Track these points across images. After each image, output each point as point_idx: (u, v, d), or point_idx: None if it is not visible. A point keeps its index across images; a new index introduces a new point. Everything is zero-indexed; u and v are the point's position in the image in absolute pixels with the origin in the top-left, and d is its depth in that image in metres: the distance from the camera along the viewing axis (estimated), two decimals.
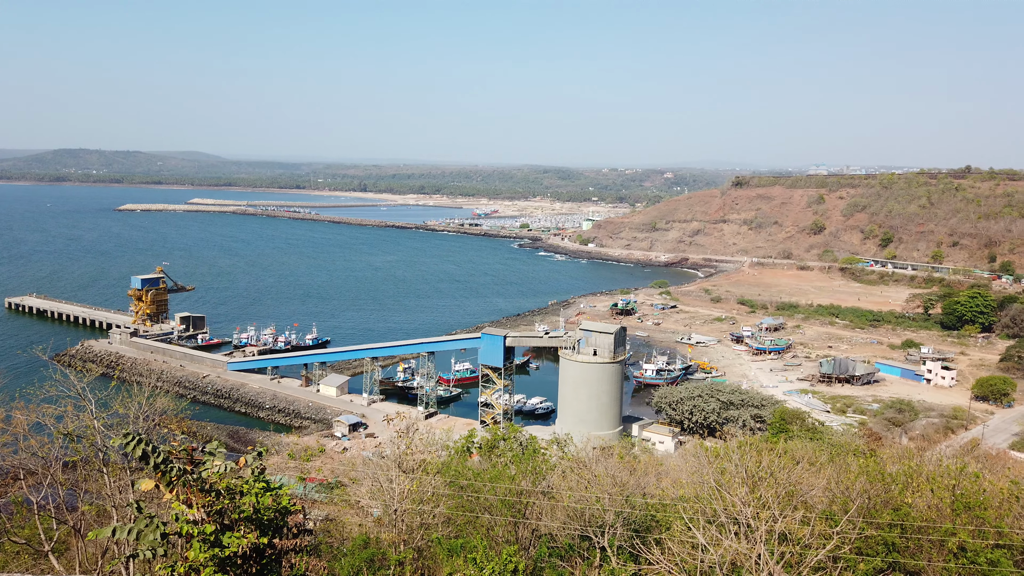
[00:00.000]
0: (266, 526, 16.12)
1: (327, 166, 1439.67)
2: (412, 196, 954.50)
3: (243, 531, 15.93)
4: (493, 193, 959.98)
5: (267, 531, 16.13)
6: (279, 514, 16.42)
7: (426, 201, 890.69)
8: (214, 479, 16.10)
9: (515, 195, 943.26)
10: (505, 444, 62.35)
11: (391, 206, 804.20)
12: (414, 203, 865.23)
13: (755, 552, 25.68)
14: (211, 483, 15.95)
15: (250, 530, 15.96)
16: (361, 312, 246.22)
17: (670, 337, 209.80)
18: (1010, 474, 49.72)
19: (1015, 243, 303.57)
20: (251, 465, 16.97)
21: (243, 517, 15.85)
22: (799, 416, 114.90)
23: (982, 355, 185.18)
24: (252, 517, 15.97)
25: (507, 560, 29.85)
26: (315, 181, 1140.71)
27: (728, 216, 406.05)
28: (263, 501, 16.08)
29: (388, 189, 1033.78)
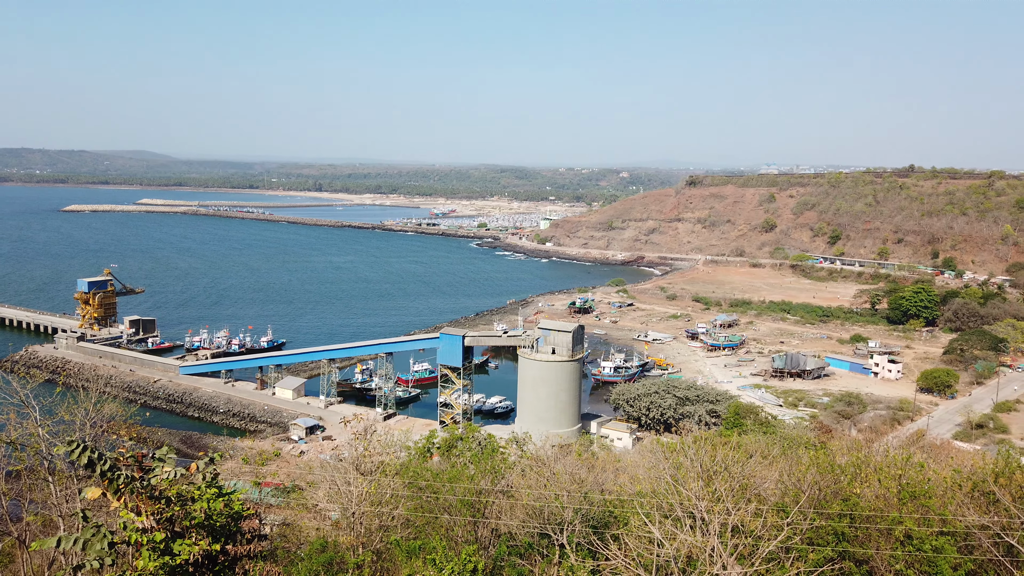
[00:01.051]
0: (219, 532, 15.83)
1: (281, 165, 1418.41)
2: (368, 196, 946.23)
3: (195, 538, 15.62)
4: (450, 193, 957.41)
5: (220, 537, 15.84)
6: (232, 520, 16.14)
7: (383, 201, 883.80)
8: (164, 486, 15.75)
9: (473, 195, 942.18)
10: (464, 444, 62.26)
11: (347, 206, 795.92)
12: (370, 203, 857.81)
13: (709, 545, 26.13)
14: (161, 490, 15.60)
15: (202, 537, 15.65)
16: (318, 314, 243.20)
17: (627, 335, 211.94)
18: (953, 463, 51.48)
19: (956, 239, 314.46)
20: (203, 471, 16.64)
21: (194, 524, 15.54)
22: (752, 410, 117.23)
23: (926, 348, 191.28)
24: (204, 523, 15.66)
25: (466, 560, 29.82)
26: (269, 181, 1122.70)
27: (682, 215, 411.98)
28: (215, 507, 15.78)
29: (344, 189, 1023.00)
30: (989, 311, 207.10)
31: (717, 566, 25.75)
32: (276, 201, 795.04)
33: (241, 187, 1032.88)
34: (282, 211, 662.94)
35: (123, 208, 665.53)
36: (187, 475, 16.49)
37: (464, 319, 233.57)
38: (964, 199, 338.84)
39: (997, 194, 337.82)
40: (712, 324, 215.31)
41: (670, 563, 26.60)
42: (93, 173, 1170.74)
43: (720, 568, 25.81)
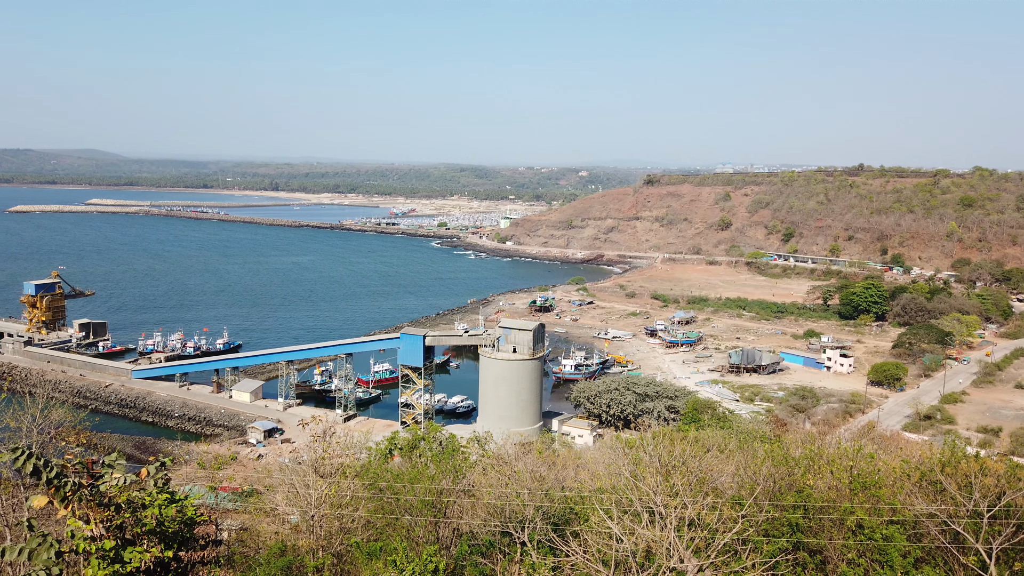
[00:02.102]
0: (171, 539, 15.51)
1: (236, 164, 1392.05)
2: (327, 195, 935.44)
3: (146, 545, 15.28)
4: (410, 192, 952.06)
5: (172, 544, 15.51)
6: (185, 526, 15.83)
7: (341, 200, 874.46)
8: (113, 492, 15.36)
9: (432, 194, 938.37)
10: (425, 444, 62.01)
11: (305, 205, 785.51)
12: (329, 202, 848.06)
13: (667, 539, 26.49)
14: (110, 497, 15.21)
15: (153, 544, 15.31)
16: (275, 315, 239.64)
17: (587, 332, 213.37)
18: (902, 454, 53.02)
19: (904, 236, 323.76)
20: (153, 476, 16.28)
21: (146, 531, 15.20)
22: (710, 406, 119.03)
23: (876, 342, 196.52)
24: (155, 530, 15.33)
25: (427, 560, 29.74)
26: (223, 180, 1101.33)
27: (641, 213, 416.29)
28: (167, 513, 15.45)
29: (301, 188, 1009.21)
30: (935, 306, 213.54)
31: (674, 560, 26.12)
32: (231, 201, 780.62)
33: (195, 187, 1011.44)
34: (237, 211, 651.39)
35: (72, 209, 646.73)
36: (138, 481, 16.11)
37: (425, 319, 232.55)
38: (911, 197, 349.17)
39: (942, 192, 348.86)
40: (670, 321, 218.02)
41: (628, 558, 26.89)
42: (40, 172, 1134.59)
43: (677, 561, 26.19)
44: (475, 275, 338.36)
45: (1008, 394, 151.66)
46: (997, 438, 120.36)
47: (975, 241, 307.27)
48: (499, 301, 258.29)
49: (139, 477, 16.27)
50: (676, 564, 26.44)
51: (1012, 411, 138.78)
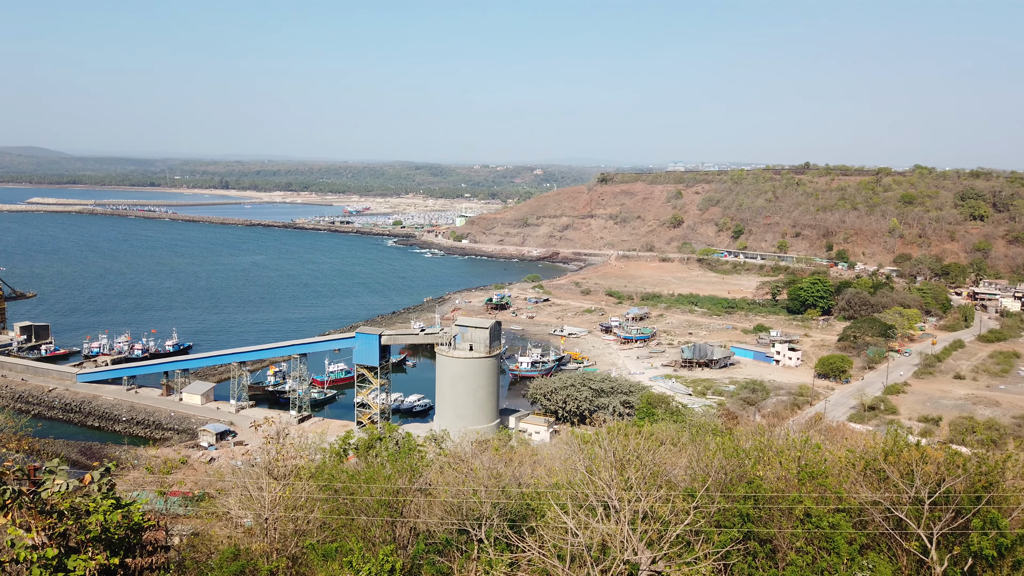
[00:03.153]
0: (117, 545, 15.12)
1: (185, 162, 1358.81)
2: (279, 193, 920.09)
3: (91, 553, 14.87)
4: (364, 190, 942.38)
5: (118, 551, 15.13)
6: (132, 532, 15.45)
7: (294, 199, 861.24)
8: (56, 499, 14.91)
9: (387, 192, 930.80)
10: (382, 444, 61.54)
11: (256, 204, 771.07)
12: (281, 201, 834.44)
13: (621, 532, 26.85)
14: (53, 504, 14.76)
15: (98, 551, 14.91)
16: (227, 315, 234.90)
17: (544, 330, 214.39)
18: (847, 444, 54.64)
19: (848, 233, 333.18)
20: (98, 481, 15.85)
21: (90, 538, 14.78)
22: (664, 400, 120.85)
23: (823, 336, 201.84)
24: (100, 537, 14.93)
25: (384, 560, 29.60)
26: (171, 178, 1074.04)
27: (595, 211, 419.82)
28: (112, 519, 15.06)
29: (253, 186, 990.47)
30: (878, 300, 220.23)
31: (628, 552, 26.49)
32: (180, 199, 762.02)
33: (142, 185, 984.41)
34: (186, 210, 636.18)
35: (11, 208, 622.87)
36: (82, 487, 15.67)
37: (381, 318, 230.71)
38: (855, 195, 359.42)
39: (884, 190, 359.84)
40: (625, 317, 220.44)
41: (584, 552, 27.18)
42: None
43: (631, 554, 26.57)
44: (431, 273, 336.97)
45: (947, 385, 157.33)
46: (937, 427, 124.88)
47: (915, 237, 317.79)
48: (455, 299, 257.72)
49: (83, 483, 15.83)
50: (630, 556, 26.83)
51: (951, 401, 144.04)
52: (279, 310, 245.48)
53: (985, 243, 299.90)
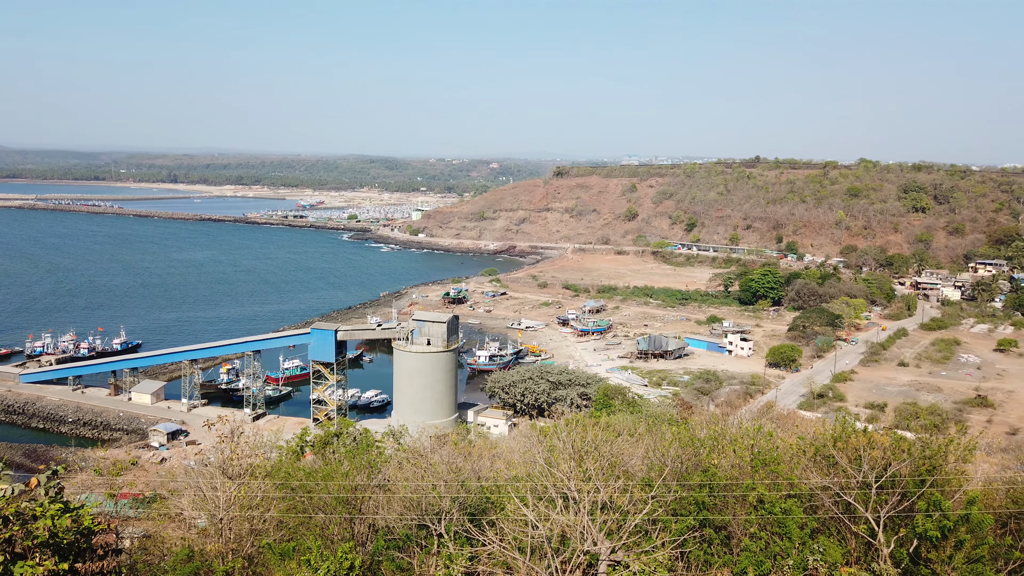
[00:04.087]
0: (65, 550, 14.68)
1: (131, 156, 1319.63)
2: (229, 187, 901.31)
3: (38, 558, 14.42)
4: (318, 184, 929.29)
5: (67, 556, 14.70)
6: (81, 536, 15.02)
7: (245, 192, 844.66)
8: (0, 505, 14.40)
9: (342, 186, 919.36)
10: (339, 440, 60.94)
11: (206, 198, 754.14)
12: (232, 194, 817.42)
13: (580, 523, 27.12)
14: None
15: (46, 556, 14.46)
16: (177, 312, 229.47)
17: (501, 323, 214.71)
18: (798, 431, 56.04)
19: (797, 225, 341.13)
20: (45, 485, 15.37)
21: (37, 543, 14.32)
22: (620, 391, 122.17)
23: (774, 326, 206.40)
24: (48, 542, 14.48)
25: (343, 558, 29.39)
26: (117, 172, 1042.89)
27: (551, 205, 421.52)
28: (61, 524, 14.61)
29: (202, 180, 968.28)
30: (826, 290, 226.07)
31: (588, 543, 26.78)
32: (126, 194, 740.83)
33: (86, 179, 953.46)
34: (133, 204, 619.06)
35: None
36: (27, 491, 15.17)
37: (336, 313, 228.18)
38: (803, 188, 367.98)
39: (831, 183, 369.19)
40: (581, 310, 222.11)
41: (544, 544, 27.39)
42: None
43: (591, 544, 26.87)
44: (388, 268, 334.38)
45: (892, 372, 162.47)
46: (883, 413, 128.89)
47: (861, 229, 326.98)
48: (412, 294, 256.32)
49: (28, 487, 15.32)
50: (590, 547, 27.13)
51: (895, 387, 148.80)
52: (232, 306, 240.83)
53: (927, 234, 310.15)
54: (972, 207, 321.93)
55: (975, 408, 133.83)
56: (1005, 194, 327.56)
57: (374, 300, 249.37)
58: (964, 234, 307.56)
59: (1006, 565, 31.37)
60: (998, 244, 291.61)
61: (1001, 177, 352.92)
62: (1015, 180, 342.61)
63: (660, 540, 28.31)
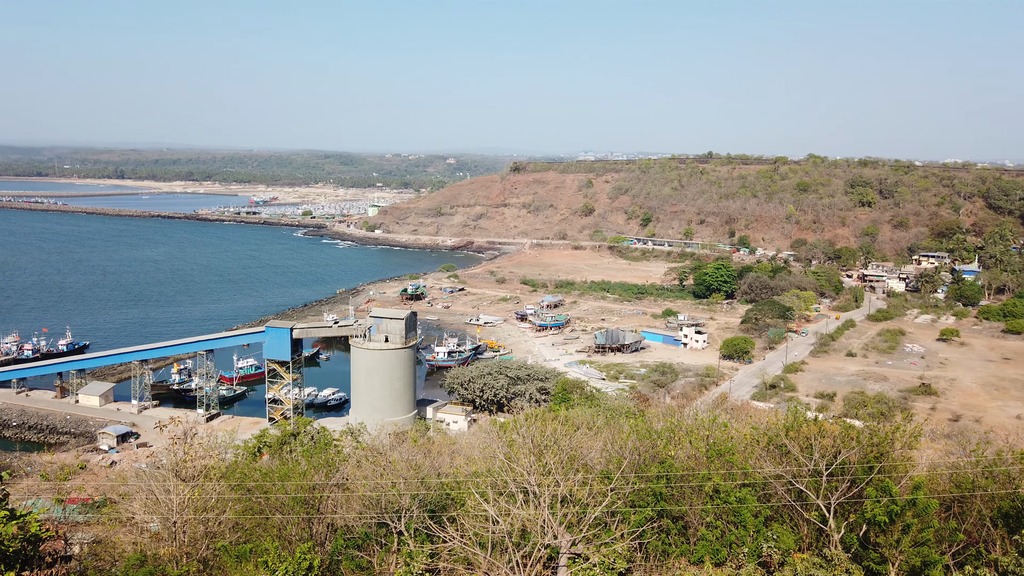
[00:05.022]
0: (12, 558, 14.22)
1: (75, 151, 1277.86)
2: (179, 183, 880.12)
3: None
4: (271, 179, 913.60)
5: (14, 564, 14.24)
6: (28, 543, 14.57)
7: (196, 188, 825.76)
8: None
9: (295, 181, 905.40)
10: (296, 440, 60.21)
11: (155, 194, 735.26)
12: (181, 191, 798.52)
13: (541, 517, 27.28)
14: None
15: None
16: (126, 312, 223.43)
17: (459, 319, 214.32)
18: (751, 421, 57.18)
19: (749, 219, 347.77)
20: None
21: None
22: (579, 385, 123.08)
23: (727, 319, 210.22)
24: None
25: (301, 558, 29.11)
26: (61, 168, 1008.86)
27: (508, 200, 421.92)
28: (7, 531, 14.15)
29: (150, 176, 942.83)
30: (777, 283, 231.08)
31: (548, 536, 26.97)
32: (71, 190, 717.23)
33: (27, 175, 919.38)
34: (78, 201, 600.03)
35: None
36: None
37: (292, 311, 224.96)
38: (755, 183, 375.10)
39: (781, 178, 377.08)
40: (539, 305, 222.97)
41: (504, 538, 27.49)
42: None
43: (551, 538, 27.07)
44: (344, 264, 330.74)
45: (840, 362, 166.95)
46: (832, 402, 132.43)
47: (810, 223, 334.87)
48: (369, 290, 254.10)
49: None
50: (551, 541, 27.33)
51: (844, 377, 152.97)
52: (183, 305, 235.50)
53: (873, 228, 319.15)
54: (915, 201, 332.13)
55: (919, 396, 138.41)
56: (946, 189, 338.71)
57: (330, 297, 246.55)
58: (908, 227, 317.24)
59: (951, 547, 32.56)
60: (940, 237, 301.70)
61: (943, 172, 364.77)
62: (956, 175, 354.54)
63: (619, 532, 28.67)
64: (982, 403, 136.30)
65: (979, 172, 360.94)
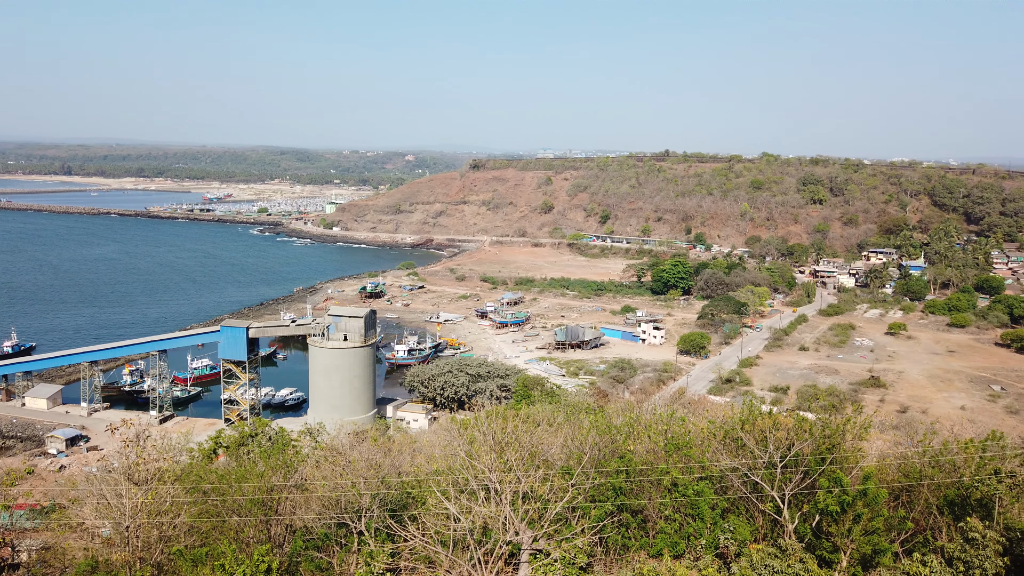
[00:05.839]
0: None
1: (20, 146, 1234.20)
2: (129, 180, 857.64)
3: None
4: (226, 176, 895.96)
5: None
6: None
7: (147, 185, 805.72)
8: None
9: (251, 178, 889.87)
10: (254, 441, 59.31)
11: (104, 191, 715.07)
12: (132, 187, 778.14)
13: (502, 514, 27.38)
14: None
15: None
16: (75, 312, 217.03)
17: (419, 317, 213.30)
18: (708, 415, 58.19)
19: (705, 217, 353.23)
20: None
21: None
22: (539, 382, 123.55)
23: (684, 315, 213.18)
24: None
25: (259, 560, 28.76)
26: (5, 163, 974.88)
27: (468, 197, 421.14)
28: None
29: (100, 172, 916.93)
30: (733, 279, 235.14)
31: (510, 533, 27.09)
32: (15, 187, 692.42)
33: None
34: (23, 198, 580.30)
35: None
36: None
37: (248, 310, 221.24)
38: (710, 180, 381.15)
39: (736, 176, 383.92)
40: (499, 302, 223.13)
41: (466, 536, 27.53)
42: None
43: (513, 534, 27.19)
44: (301, 262, 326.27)
45: (793, 356, 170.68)
46: (786, 396, 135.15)
47: (764, 220, 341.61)
48: (327, 289, 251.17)
49: None
50: (512, 537, 27.45)
51: (797, 371, 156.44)
52: (136, 305, 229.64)
53: (824, 225, 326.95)
54: (864, 199, 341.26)
55: (869, 388, 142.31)
56: (894, 186, 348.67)
57: (288, 296, 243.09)
58: (858, 224, 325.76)
59: (899, 535, 33.64)
60: (888, 234, 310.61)
61: (890, 170, 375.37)
62: (903, 173, 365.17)
63: (580, 527, 28.94)
64: (928, 395, 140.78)
65: (925, 170, 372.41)
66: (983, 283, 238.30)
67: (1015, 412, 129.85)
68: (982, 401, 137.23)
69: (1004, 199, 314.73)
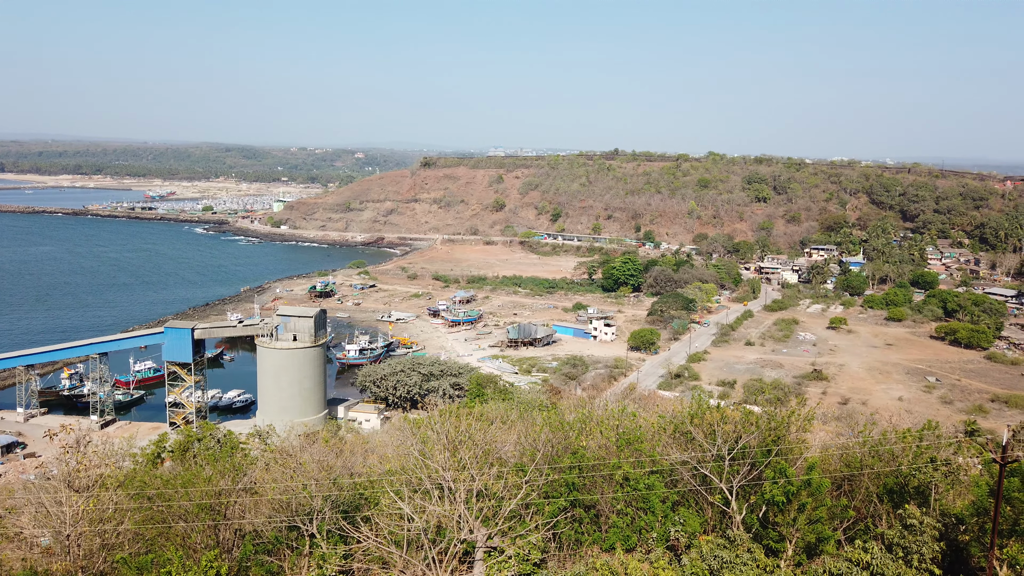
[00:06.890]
0: None
1: None
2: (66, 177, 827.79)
3: None
4: (168, 173, 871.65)
5: None
6: None
7: (85, 183, 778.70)
8: None
9: (194, 175, 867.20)
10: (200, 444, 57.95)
11: (39, 189, 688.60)
12: (70, 185, 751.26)
13: (457, 512, 27.39)
14: None
15: None
16: (8, 315, 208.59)
17: (371, 316, 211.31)
18: (658, 410, 59.17)
19: (654, 215, 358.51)
20: None
21: None
22: (492, 380, 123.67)
23: (634, 311, 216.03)
24: None
25: (207, 567, 28.22)
26: None
27: (419, 195, 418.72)
28: None
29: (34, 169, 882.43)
30: (681, 276, 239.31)
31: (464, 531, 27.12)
32: None
33: None
34: None
35: None
36: None
37: (193, 310, 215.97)
38: (659, 179, 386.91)
39: (684, 174, 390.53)
40: (452, 301, 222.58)
41: (420, 535, 27.45)
42: None
43: (468, 533, 27.22)
44: (249, 262, 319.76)
45: (740, 351, 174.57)
46: (733, 390, 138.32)
47: (711, 218, 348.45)
48: (276, 288, 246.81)
49: None
50: (467, 535, 27.48)
51: (743, 365, 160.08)
52: (74, 307, 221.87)
53: (768, 223, 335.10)
54: (806, 197, 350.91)
55: (812, 381, 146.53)
56: (834, 185, 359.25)
57: (235, 296, 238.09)
58: (800, 222, 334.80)
59: (842, 524, 34.77)
60: (829, 231, 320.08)
61: (830, 169, 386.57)
62: (842, 172, 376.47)
63: (534, 523, 29.13)
64: (868, 386, 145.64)
65: (863, 169, 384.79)
66: (919, 278, 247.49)
67: (949, 402, 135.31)
68: (918, 392, 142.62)
69: (938, 197, 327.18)
